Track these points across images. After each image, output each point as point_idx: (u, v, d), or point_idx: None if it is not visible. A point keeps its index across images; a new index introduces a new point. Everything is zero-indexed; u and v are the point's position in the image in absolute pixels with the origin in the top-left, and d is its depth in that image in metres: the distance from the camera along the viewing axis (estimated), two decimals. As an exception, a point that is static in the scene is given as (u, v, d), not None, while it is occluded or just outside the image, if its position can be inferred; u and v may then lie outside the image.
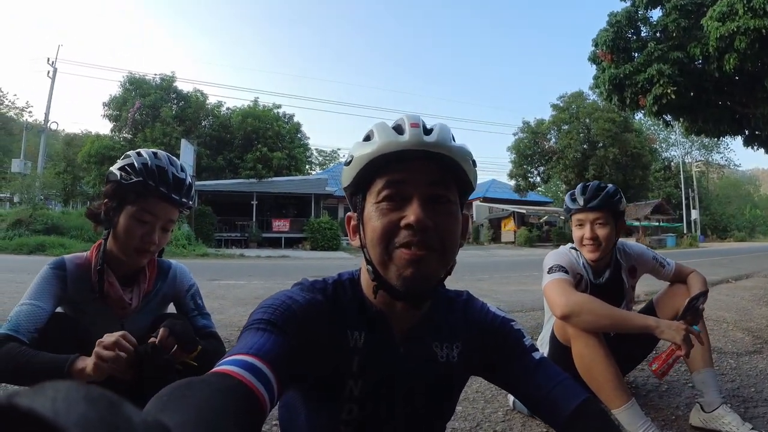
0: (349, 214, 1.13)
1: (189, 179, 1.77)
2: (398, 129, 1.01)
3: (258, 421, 0.73)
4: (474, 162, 1.07)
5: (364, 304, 1.09)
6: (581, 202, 2.43)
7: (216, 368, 0.76)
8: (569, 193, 2.57)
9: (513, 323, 1.20)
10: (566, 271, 2.31)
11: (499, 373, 1.18)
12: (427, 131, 1.00)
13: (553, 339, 2.39)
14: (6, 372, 1.45)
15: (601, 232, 2.39)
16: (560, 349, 2.30)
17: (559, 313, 2.13)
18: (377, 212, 1.00)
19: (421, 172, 1.00)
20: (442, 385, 1.14)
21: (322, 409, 1.06)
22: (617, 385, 2.06)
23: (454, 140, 1.03)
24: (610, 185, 2.47)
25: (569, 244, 2.60)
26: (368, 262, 1.03)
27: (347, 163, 1.05)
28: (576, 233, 2.48)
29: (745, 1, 10.75)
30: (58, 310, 1.68)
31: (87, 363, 1.39)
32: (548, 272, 2.33)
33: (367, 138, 1.03)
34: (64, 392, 0.24)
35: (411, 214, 0.96)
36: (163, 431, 0.28)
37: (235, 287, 7.94)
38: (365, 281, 1.10)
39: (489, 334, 1.17)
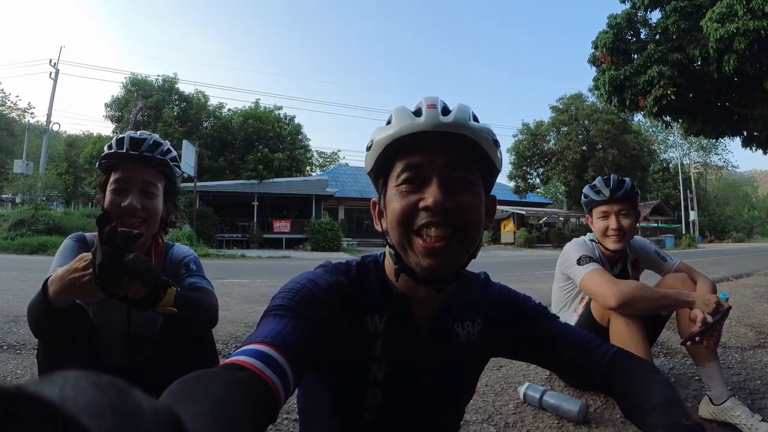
0: (373, 199, 1.12)
1: (156, 140, 1.76)
2: (417, 112, 0.99)
3: (272, 412, 0.73)
4: (497, 142, 1.03)
5: (386, 287, 1.08)
6: (607, 193, 2.47)
7: (229, 359, 0.75)
8: (590, 186, 2.60)
9: (533, 299, 1.24)
10: (596, 261, 2.34)
11: (528, 345, 1.19)
12: (446, 112, 0.98)
13: (587, 319, 2.39)
14: (31, 326, 1.44)
15: (626, 222, 2.44)
16: (592, 329, 2.31)
17: (614, 303, 2.10)
18: (397, 195, 0.99)
19: (440, 154, 0.98)
20: (463, 365, 1.15)
21: (345, 395, 1.05)
22: None
23: (475, 120, 1.00)
24: (627, 179, 2.52)
25: (589, 235, 2.64)
26: (390, 246, 1.03)
27: (368, 148, 1.04)
28: (599, 225, 2.51)
29: (744, 3, 10.78)
30: None
31: (55, 281, 1.32)
32: (579, 263, 2.33)
33: (388, 122, 1.02)
34: (72, 379, 0.24)
35: (429, 196, 0.95)
36: (173, 417, 0.28)
37: (239, 286, 7.94)
38: (388, 265, 1.08)
39: (514, 310, 1.19)
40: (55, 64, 30.90)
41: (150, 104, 29.60)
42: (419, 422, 1.11)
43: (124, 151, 1.69)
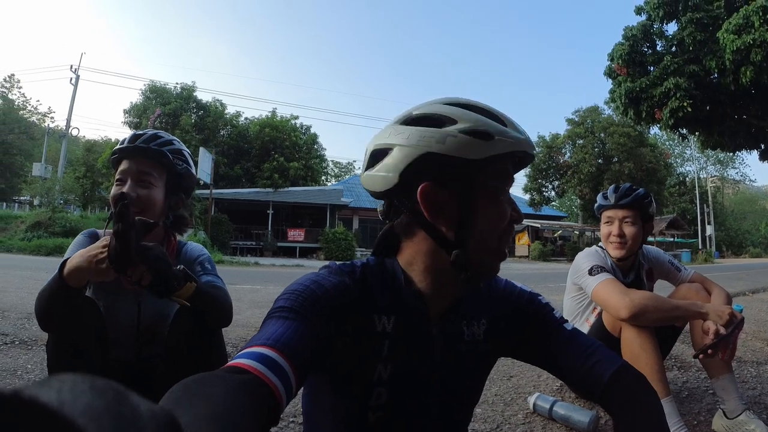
0: (430, 185, 0.96)
1: (155, 133, 1.82)
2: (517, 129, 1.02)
3: (273, 416, 0.72)
4: None
5: (396, 287, 1.05)
6: (612, 199, 2.48)
7: (231, 362, 0.75)
8: (601, 192, 2.61)
9: (540, 297, 1.20)
10: (608, 271, 2.31)
11: (532, 349, 1.17)
12: None
13: (598, 329, 2.36)
14: (38, 312, 1.49)
15: (629, 230, 2.42)
16: (604, 340, 2.29)
17: (626, 314, 2.06)
18: (500, 201, 1.00)
19: None
20: (470, 364, 1.12)
21: (349, 395, 1.02)
22: (660, 377, 2.03)
23: None
24: (641, 189, 2.52)
25: (601, 243, 2.62)
26: (456, 245, 0.98)
27: (481, 136, 0.94)
28: (604, 230, 2.52)
29: (761, 14, 10.73)
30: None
31: (70, 263, 1.38)
32: (591, 274, 2.31)
33: (501, 122, 0.98)
34: (69, 383, 0.24)
35: (518, 211, 1.03)
36: (170, 420, 0.28)
37: (251, 292, 7.99)
38: (420, 263, 1.04)
39: (518, 310, 1.17)
40: (75, 70, 31.39)
41: (168, 111, 29.90)
42: (426, 423, 1.09)
43: (125, 145, 1.76)
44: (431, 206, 0.97)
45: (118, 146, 1.78)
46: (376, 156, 1.02)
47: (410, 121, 1.00)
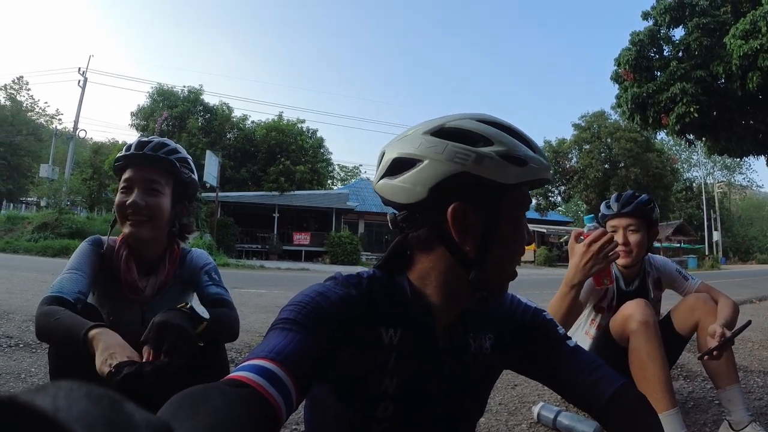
0: (461, 205, 0.95)
1: (162, 141, 1.80)
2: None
3: (272, 429, 0.72)
4: None
5: (405, 299, 1.04)
6: (615, 208, 2.48)
7: (231, 374, 0.74)
8: (604, 202, 2.61)
9: (545, 313, 1.21)
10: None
11: (535, 362, 1.17)
12: None
13: (604, 337, 2.36)
14: (39, 330, 1.49)
15: (633, 238, 2.42)
16: (610, 349, 2.27)
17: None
18: (523, 224, 1.03)
19: None
20: (476, 378, 1.12)
21: (353, 407, 1.01)
22: (667, 388, 2.02)
23: None
24: (643, 195, 2.51)
25: None
26: (475, 265, 0.98)
27: (516, 161, 0.95)
28: None
29: (768, 19, 10.69)
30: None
31: (98, 338, 1.35)
32: None
33: (530, 147, 0.99)
34: (65, 390, 0.24)
35: (530, 233, 1.05)
36: (165, 429, 0.28)
37: (256, 296, 8.00)
38: (434, 278, 1.03)
39: (523, 325, 1.17)
40: (83, 72, 31.58)
41: (175, 114, 29.97)
42: None
43: (131, 152, 1.74)
44: (459, 226, 0.96)
45: (123, 153, 1.76)
46: (400, 164, 0.98)
47: (443, 133, 0.96)
